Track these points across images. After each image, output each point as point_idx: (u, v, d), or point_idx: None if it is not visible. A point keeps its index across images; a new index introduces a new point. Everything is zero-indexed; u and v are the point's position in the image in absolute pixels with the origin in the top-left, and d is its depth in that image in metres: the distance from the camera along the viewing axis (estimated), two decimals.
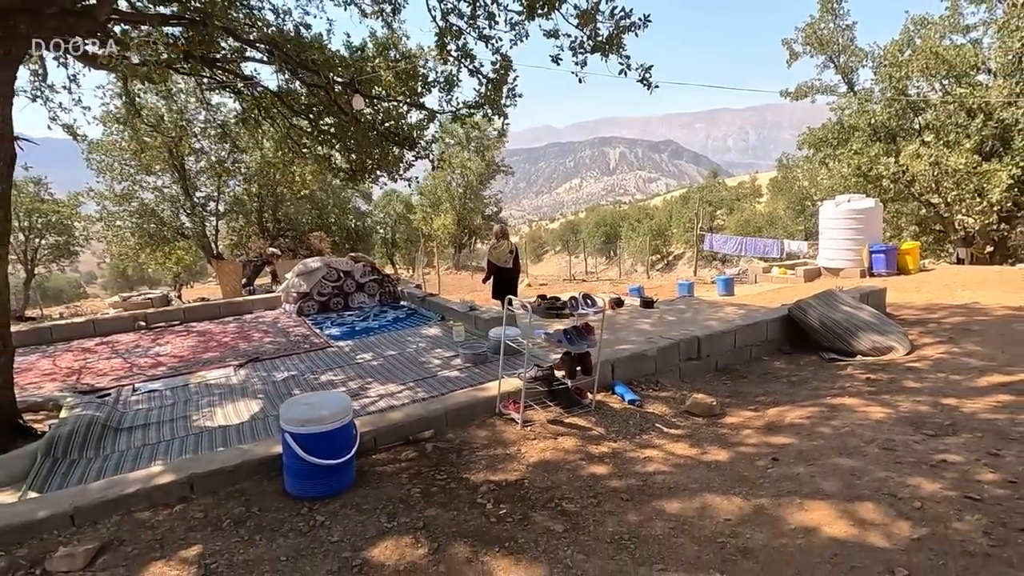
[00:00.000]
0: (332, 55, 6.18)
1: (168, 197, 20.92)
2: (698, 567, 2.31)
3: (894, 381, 4.45)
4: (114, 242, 21.36)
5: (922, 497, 2.64)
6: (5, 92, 4.64)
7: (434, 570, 2.40)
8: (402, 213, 40.59)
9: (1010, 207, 16.55)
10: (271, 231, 24.84)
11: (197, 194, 21.54)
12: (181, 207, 21.32)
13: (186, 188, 20.53)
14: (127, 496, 2.90)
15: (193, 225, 21.20)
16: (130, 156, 18.05)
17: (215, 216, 22.05)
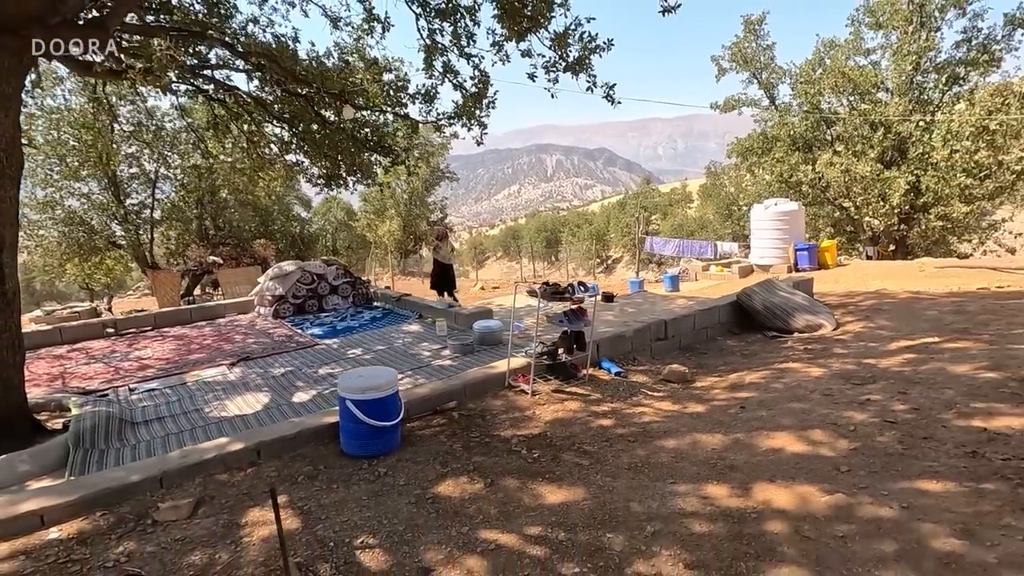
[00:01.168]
0: (326, 68, 6.58)
1: (97, 204, 19.96)
2: (699, 479, 3.01)
3: (826, 349, 5.42)
4: (36, 252, 20.11)
5: (854, 423, 3.47)
6: (15, 99, 4.79)
7: (493, 498, 2.97)
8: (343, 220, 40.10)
9: (907, 210, 18.76)
10: (212, 239, 24.11)
11: (129, 201, 20.71)
12: (112, 215, 20.41)
13: (117, 195, 19.71)
14: (206, 461, 3.29)
15: (126, 234, 20.29)
16: (58, 160, 17.15)
17: (150, 224, 21.16)
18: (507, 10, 5.84)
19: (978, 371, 4.11)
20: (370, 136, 8.39)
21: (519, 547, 2.50)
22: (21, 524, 2.78)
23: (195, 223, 23.40)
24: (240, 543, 2.64)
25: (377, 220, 39.23)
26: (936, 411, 3.51)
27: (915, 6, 18.62)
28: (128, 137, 13.85)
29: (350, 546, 2.56)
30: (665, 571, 2.28)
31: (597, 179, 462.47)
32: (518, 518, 2.76)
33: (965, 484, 2.66)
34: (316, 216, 38.79)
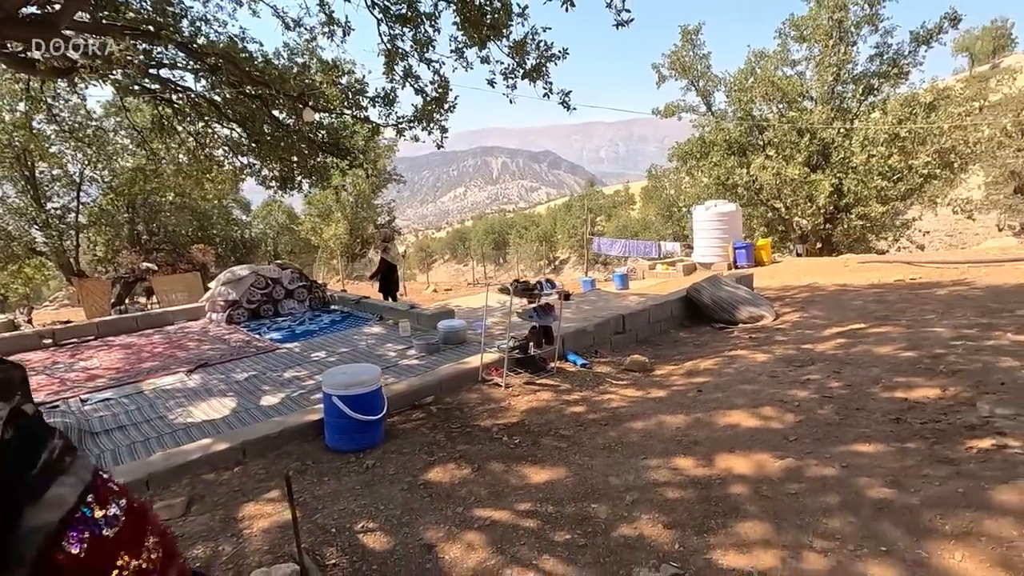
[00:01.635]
0: (285, 70, 6.56)
1: (14, 209, 18.62)
2: (667, 453, 3.32)
3: (769, 338, 5.92)
4: None
5: (798, 400, 3.89)
6: None
7: (482, 481, 3.17)
8: (285, 223, 38.96)
9: (832, 210, 20.22)
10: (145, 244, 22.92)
11: (50, 205, 19.46)
12: (32, 220, 19.09)
13: (37, 198, 18.49)
14: (191, 462, 3.31)
15: (48, 240, 19.00)
16: None
17: (75, 229, 19.85)
18: (468, 19, 6.04)
19: (898, 351, 4.65)
20: (326, 138, 8.37)
21: (513, 521, 2.72)
22: None
23: (126, 228, 22.20)
24: (241, 535, 2.71)
25: (322, 223, 38.32)
26: (865, 386, 3.98)
27: (834, 22, 20.09)
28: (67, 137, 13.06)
29: (351, 531, 2.70)
30: (647, 532, 2.56)
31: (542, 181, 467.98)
32: (507, 497, 2.97)
33: (892, 444, 3.08)
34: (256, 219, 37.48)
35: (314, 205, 37.79)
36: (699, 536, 2.50)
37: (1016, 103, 33.97)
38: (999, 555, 2.13)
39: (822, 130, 20.30)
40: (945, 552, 2.20)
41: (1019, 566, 2.07)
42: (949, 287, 7.43)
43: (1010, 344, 4.48)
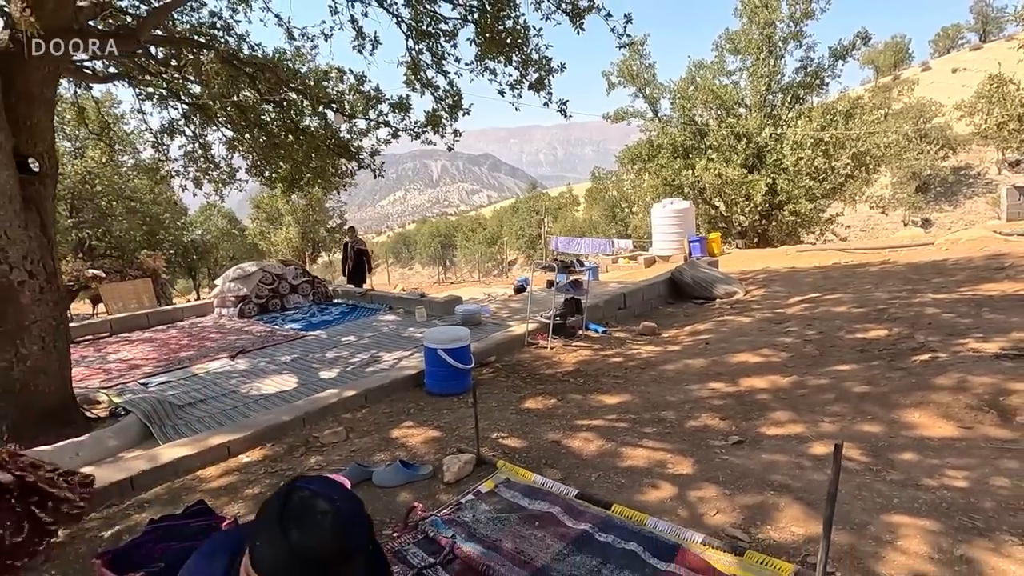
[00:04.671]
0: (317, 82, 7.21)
1: None
2: (702, 380, 4.39)
3: (746, 307, 7.17)
4: None
5: (786, 343, 5.08)
6: (53, 104, 5.02)
7: (569, 405, 4.12)
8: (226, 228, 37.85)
9: (767, 207, 22.34)
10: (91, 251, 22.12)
11: None
12: None
13: None
14: (331, 405, 4.07)
15: None
16: None
17: None
18: (490, 39, 6.94)
19: (851, 309, 5.97)
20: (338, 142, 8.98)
21: (608, 425, 3.68)
22: (216, 454, 3.43)
23: (73, 233, 21.39)
24: (406, 446, 3.54)
25: (271, 228, 37.57)
26: (833, 332, 5.22)
27: (764, 37, 22.25)
28: None
29: (491, 438, 3.57)
30: (708, 423, 3.59)
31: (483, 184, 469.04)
32: (595, 412, 3.93)
33: (861, 364, 4.29)
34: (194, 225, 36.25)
35: (262, 209, 36.98)
36: (746, 422, 3.56)
37: (915, 111, 38.22)
38: (941, 411, 3.31)
39: (757, 135, 22.40)
40: (907, 414, 3.36)
41: (953, 416, 3.25)
42: (878, 266, 9.01)
43: (931, 300, 5.89)
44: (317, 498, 1.09)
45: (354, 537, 1.09)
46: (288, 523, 1.04)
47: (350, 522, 1.09)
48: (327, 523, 1.06)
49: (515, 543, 2.33)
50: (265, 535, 1.06)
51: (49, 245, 4.86)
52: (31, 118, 4.75)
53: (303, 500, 1.09)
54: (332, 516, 1.07)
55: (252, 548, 1.07)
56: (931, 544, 2.22)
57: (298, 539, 1.03)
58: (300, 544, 1.03)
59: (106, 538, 2.70)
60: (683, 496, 2.72)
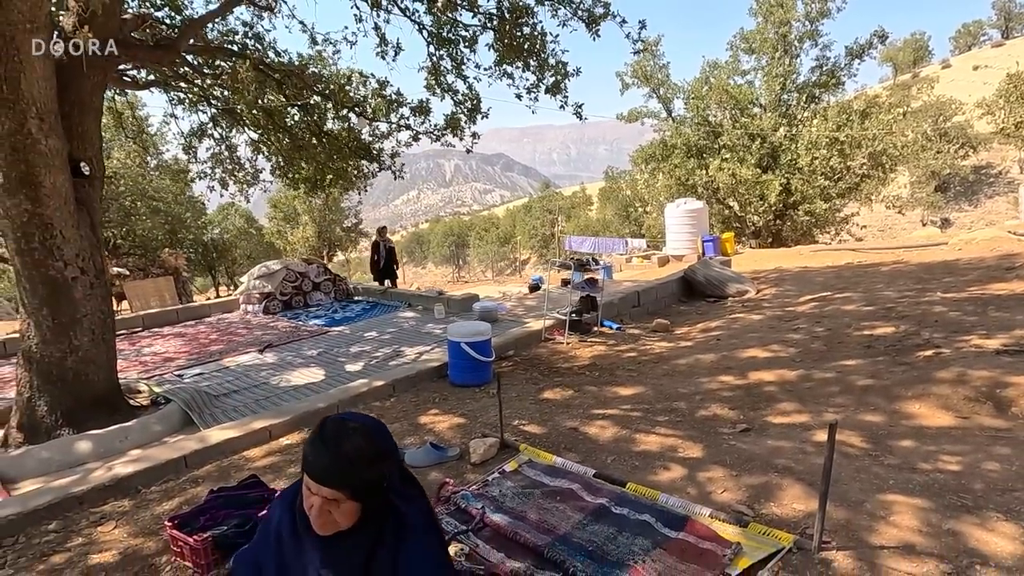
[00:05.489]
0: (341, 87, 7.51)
1: None
2: (712, 374, 4.60)
3: (757, 305, 7.34)
4: None
5: (794, 340, 5.26)
6: (100, 112, 5.36)
7: (585, 396, 4.35)
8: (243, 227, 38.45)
9: (781, 207, 22.33)
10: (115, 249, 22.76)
11: None
12: None
13: None
14: (361, 394, 4.35)
15: None
16: None
17: None
18: (508, 46, 7.19)
19: (860, 307, 6.13)
20: (359, 144, 9.29)
21: (623, 414, 3.91)
22: (259, 436, 3.72)
23: None
24: (433, 431, 3.79)
25: (288, 227, 38.15)
26: (841, 329, 5.39)
27: (779, 36, 22.23)
28: None
29: (513, 425, 3.81)
30: (718, 412, 3.80)
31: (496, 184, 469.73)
32: (610, 403, 4.16)
33: (867, 359, 4.46)
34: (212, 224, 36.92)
35: (279, 208, 37.55)
36: (754, 411, 3.77)
37: (934, 110, 37.77)
38: (940, 403, 3.49)
39: (771, 134, 22.38)
40: (907, 405, 3.55)
41: (951, 407, 3.43)
42: (890, 266, 9.11)
43: (939, 299, 6.02)
44: (345, 420, 1.41)
45: (382, 441, 1.41)
46: (328, 439, 1.34)
47: (376, 431, 1.41)
48: (358, 433, 1.37)
49: (539, 514, 2.57)
50: (313, 453, 1.34)
51: (97, 244, 5.19)
52: (82, 125, 5.08)
53: (335, 422, 1.40)
54: (361, 429, 1.38)
55: (304, 463, 1.38)
56: (921, 519, 2.42)
57: (338, 447, 1.33)
58: (340, 450, 1.32)
59: (167, 508, 2.99)
60: (692, 477, 2.94)
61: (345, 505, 1.40)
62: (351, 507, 1.41)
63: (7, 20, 4.15)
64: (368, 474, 1.42)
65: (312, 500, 1.40)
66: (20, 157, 4.40)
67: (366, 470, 1.41)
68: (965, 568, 2.09)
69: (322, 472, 1.37)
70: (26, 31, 4.26)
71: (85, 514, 2.95)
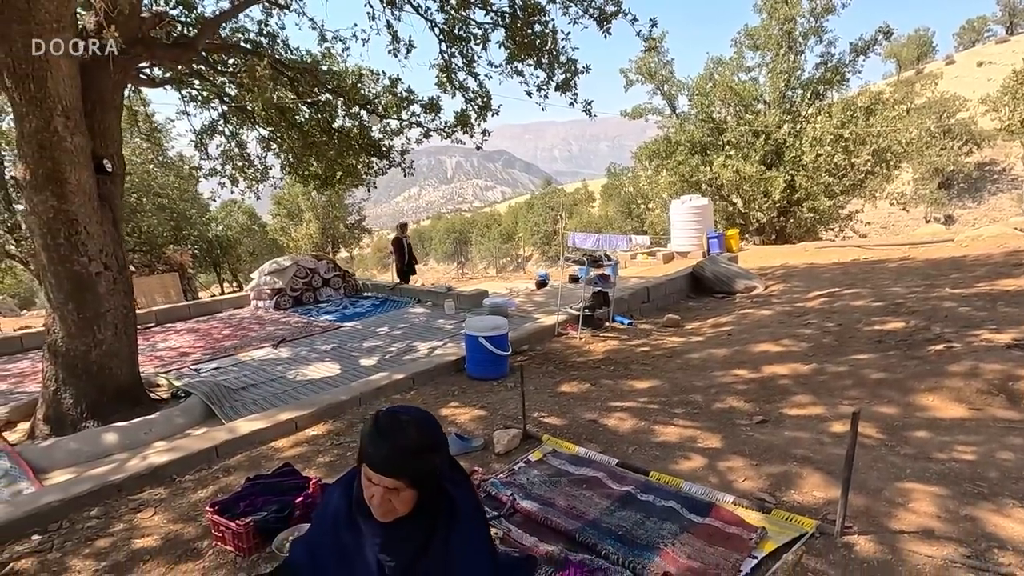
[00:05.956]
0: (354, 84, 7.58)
1: None
2: (726, 368, 4.67)
3: (766, 301, 7.41)
4: None
5: (805, 334, 5.33)
6: (120, 111, 5.43)
7: (602, 389, 4.43)
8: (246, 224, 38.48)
9: (785, 204, 22.35)
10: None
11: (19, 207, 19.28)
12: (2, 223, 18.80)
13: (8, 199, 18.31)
14: (383, 387, 4.44)
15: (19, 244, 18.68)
16: None
17: None
18: (520, 43, 7.24)
19: (870, 302, 6.19)
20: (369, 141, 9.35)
21: (640, 407, 3.99)
22: (286, 427, 3.81)
23: None
24: (456, 423, 3.88)
25: (291, 223, 38.19)
26: (851, 324, 5.46)
27: (784, 32, 22.22)
28: None
29: (534, 417, 3.89)
30: (734, 405, 3.88)
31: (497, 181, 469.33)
32: (627, 396, 4.24)
33: (879, 353, 4.53)
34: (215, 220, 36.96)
35: (283, 205, 37.58)
36: (769, 404, 3.84)
37: (938, 106, 37.69)
38: (953, 395, 3.57)
39: (775, 131, 22.39)
40: (921, 398, 3.62)
41: (964, 399, 3.50)
42: (897, 262, 9.17)
43: (948, 295, 6.09)
44: (398, 414, 1.55)
45: (434, 432, 1.56)
46: (385, 432, 1.47)
47: (428, 423, 1.56)
48: (412, 425, 1.51)
49: (567, 500, 2.66)
50: (372, 446, 1.47)
51: (120, 240, 5.28)
52: (104, 122, 5.16)
53: (389, 416, 1.54)
54: (413, 421, 1.53)
55: (363, 456, 1.48)
56: (939, 506, 2.49)
57: (395, 440, 1.46)
58: (398, 443, 1.46)
59: (202, 496, 3.07)
60: (713, 466, 3.02)
61: (404, 493, 1.50)
62: (409, 495, 1.51)
63: (34, 20, 4.22)
64: (424, 464, 1.52)
65: (373, 490, 1.49)
66: (47, 154, 4.48)
67: (422, 460, 1.51)
68: (984, 551, 2.17)
69: (382, 463, 1.47)
70: (52, 31, 4.32)
71: (124, 501, 3.04)
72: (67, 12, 4.45)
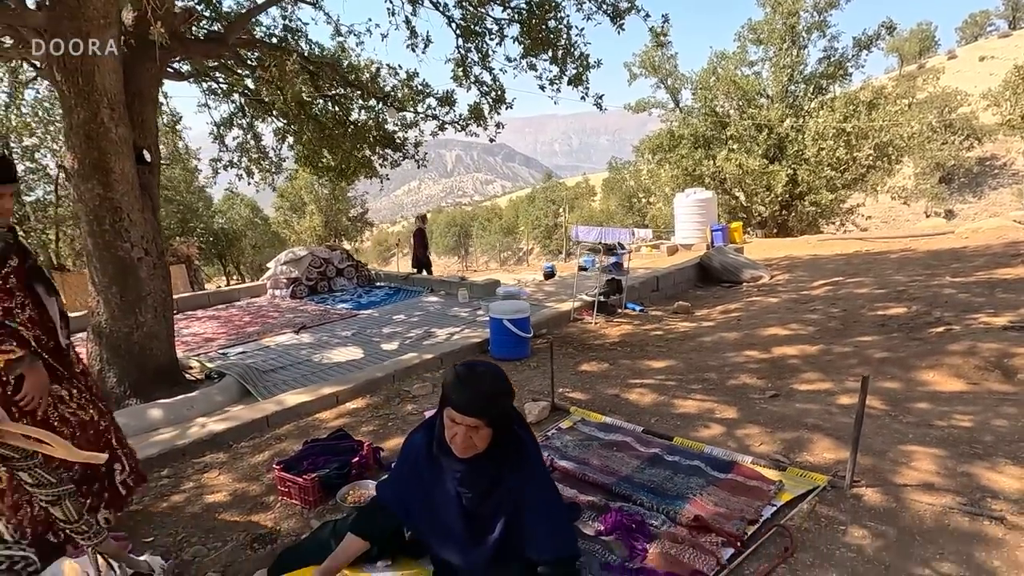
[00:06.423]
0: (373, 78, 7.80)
1: None
2: (737, 349, 4.93)
3: (773, 289, 7.67)
4: None
5: (812, 319, 5.59)
6: (156, 104, 5.67)
7: (620, 368, 4.69)
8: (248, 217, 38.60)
9: (787, 198, 22.57)
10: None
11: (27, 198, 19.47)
12: None
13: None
14: (413, 366, 4.70)
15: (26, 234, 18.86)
16: None
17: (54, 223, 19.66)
18: (534, 39, 7.46)
19: (873, 290, 6.45)
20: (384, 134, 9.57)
21: (659, 383, 4.25)
22: (328, 401, 4.07)
23: None
24: None
25: (295, 216, 38.34)
26: (856, 309, 5.72)
27: (787, 27, 22.36)
28: None
29: (559, 392, 4.15)
30: (747, 381, 4.14)
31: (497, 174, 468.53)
32: (645, 374, 4.50)
33: (882, 335, 4.79)
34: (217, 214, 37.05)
35: (286, 198, 37.70)
36: (780, 380, 4.11)
37: (940, 101, 37.83)
38: (952, 371, 3.83)
39: (778, 125, 22.57)
40: (922, 374, 3.89)
41: (962, 375, 3.77)
42: (898, 253, 9.42)
43: (948, 283, 6.35)
44: (475, 365, 1.86)
45: (505, 381, 1.85)
46: (466, 380, 1.76)
47: (499, 374, 1.86)
48: (488, 374, 1.81)
49: (601, 460, 2.92)
50: (456, 391, 1.75)
51: (158, 227, 5.52)
52: (143, 114, 5.40)
53: (467, 367, 1.83)
54: (488, 372, 1.83)
55: (447, 401, 1.75)
56: (938, 465, 2.76)
57: (475, 385, 1.75)
58: (478, 388, 1.74)
59: (259, 460, 3.34)
60: (731, 433, 3.29)
61: (482, 431, 1.78)
62: (487, 433, 1.79)
63: (84, 16, 4.45)
64: (499, 406, 1.80)
65: (456, 429, 1.78)
66: (93, 145, 4.72)
67: (497, 403, 1.79)
68: (978, 500, 2.43)
69: (465, 405, 1.75)
70: (100, 26, 4.56)
71: (190, 464, 3.31)
72: (114, 8, 4.68)
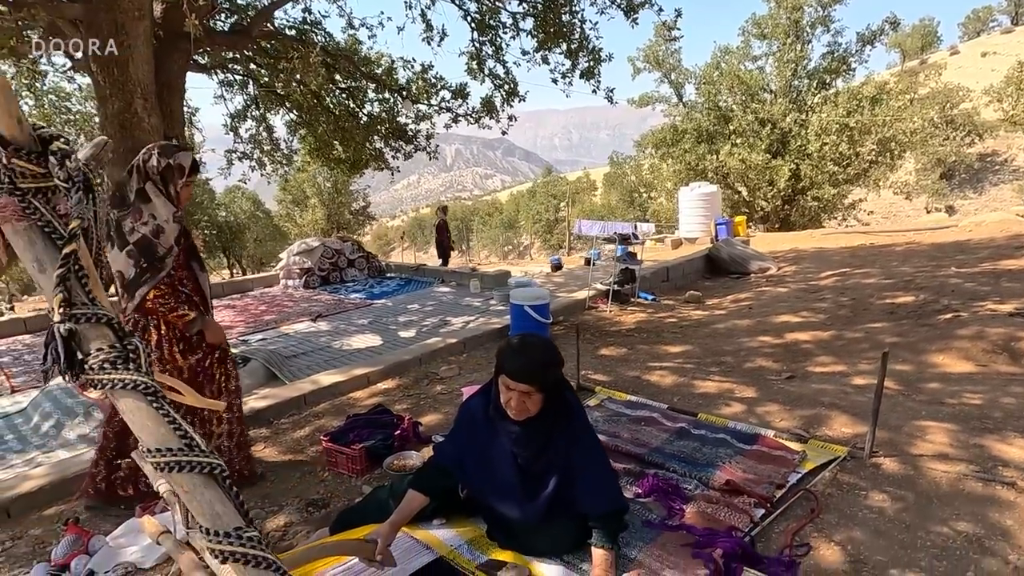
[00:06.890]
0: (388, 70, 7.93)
1: None
2: (751, 335, 5.09)
3: (781, 280, 7.83)
4: None
5: (822, 307, 5.75)
6: (183, 95, 5.80)
7: (638, 353, 4.85)
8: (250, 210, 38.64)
9: (790, 193, 22.70)
10: None
11: None
12: None
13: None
14: (438, 350, 4.85)
15: None
16: None
17: None
18: (548, 32, 7.59)
19: (880, 280, 6.61)
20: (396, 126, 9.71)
21: (678, 366, 4.41)
22: (360, 381, 4.23)
23: None
24: None
25: (297, 209, 38.42)
26: (865, 298, 5.88)
27: (791, 22, 22.42)
28: None
29: (581, 375, 4.31)
30: (763, 364, 4.30)
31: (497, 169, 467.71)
32: (664, 358, 4.66)
33: (891, 322, 4.95)
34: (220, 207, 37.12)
35: (288, 191, 37.75)
36: (795, 363, 4.27)
37: (942, 97, 37.88)
38: (961, 354, 3.99)
39: (781, 120, 22.67)
40: (932, 357, 4.05)
41: (971, 357, 3.93)
42: (903, 246, 9.58)
43: (954, 273, 6.50)
44: (526, 335, 2.05)
45: (555, 351, 2.00)
46: (518, 349, 1.93)
47: (549, 344, 2.03)
48: (539, 345, 1.98)
49: (631, 433, 3.08)
50: (510, 359, 1.91)
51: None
52: (171, 105, 5.53)
53: (520, 338, 2.01)
54: (539, 343, 2.00)
55: (501, 369, 1.91)
56: (952, 438, 2.92)
57: (529, 354, 1.91)
58: (530, 356, 1.91)
59: (301, 435, 3.49)
60: (752, 410, 3.45)
61: (535, 396, 1.94)
62: (539, 398, 1.95)
63: (119, 8, 4.58)
64: (550, 373, 1.96)
65: (510, 395, 1.94)
66: (127, 133, 4.86)
67: (548, 370, 1.95)
68: (991, 468, 2.60)
69: (519, 372, 1.90)
70: (134, 19, 4.68)
71: None
72: (147, 1, 4.81)
